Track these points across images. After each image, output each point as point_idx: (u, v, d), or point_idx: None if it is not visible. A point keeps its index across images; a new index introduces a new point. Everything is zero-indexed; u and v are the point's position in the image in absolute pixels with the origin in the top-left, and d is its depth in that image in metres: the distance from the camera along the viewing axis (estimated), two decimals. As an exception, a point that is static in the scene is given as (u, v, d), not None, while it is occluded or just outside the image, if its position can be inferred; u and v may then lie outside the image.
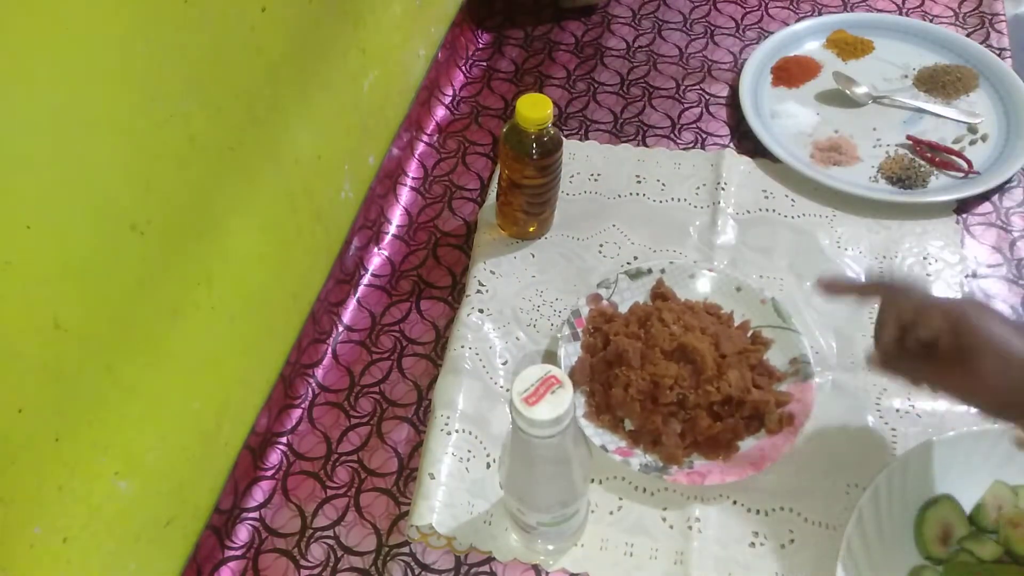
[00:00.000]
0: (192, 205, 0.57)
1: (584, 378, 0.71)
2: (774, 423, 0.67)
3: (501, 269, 0.82)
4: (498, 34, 1.09)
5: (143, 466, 0.57)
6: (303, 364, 0.76)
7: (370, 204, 0.85)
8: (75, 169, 0.45)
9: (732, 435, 0.67)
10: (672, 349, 0.69)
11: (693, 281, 0.77)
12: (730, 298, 0.76)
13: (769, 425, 0.67)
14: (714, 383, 0.67)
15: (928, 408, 0.70)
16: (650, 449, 0.68)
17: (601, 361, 0.71)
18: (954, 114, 0.91)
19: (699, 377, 0.68)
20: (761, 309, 0.75)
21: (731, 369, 0.68)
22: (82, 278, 0.48)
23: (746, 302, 0.75)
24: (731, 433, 0.67)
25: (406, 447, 0.72)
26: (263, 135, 0.65)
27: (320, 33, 0.71)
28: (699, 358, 0.68)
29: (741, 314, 0.75)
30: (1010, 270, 0.79)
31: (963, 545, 0.61)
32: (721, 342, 0.70)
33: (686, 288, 0.77)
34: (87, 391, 0.50)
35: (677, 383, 0.67)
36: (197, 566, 0.64)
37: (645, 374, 0.68)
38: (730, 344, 0.70)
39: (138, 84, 0.49)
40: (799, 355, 0.71)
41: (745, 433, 0.68)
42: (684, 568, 0.63)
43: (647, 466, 0.66)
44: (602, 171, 0.90)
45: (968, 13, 1.04)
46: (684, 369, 0.68)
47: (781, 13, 1.07)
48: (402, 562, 0.66)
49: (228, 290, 0.63)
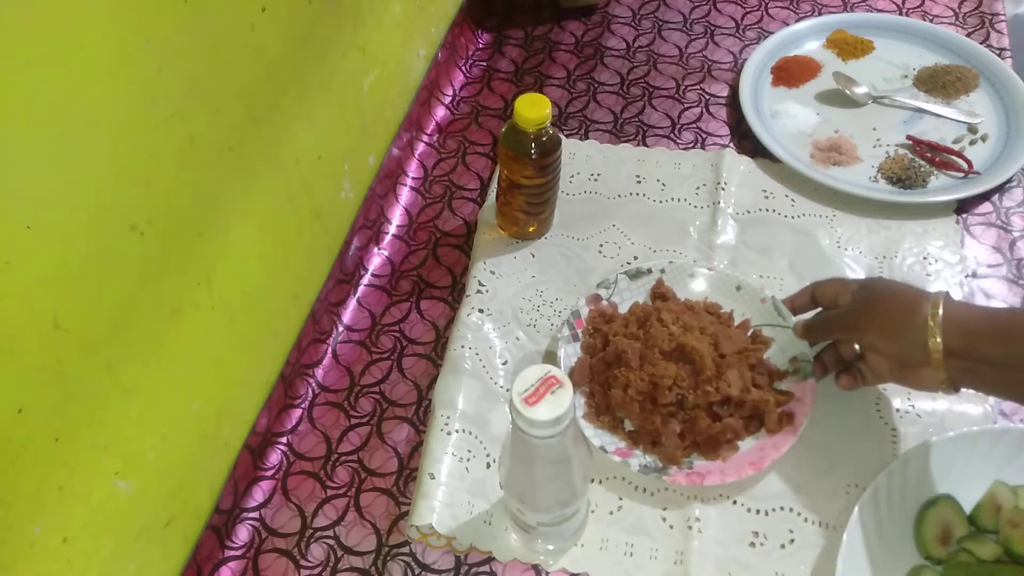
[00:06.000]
0: (192, 205, 0.57)
1: (584, 379, 0.71)
2: (774, 423, 0.67)
3: (501, 269, 0.82)
4: (498, 34, 1.09)
5: (143, 466, 0.57)
6: (303, 364, 0.76)
7: (370, 204, 0.85)
8: (75, 169, 0.45)
9: (732, 435, 0.67)
10: (671, 349, 0.69)
11: (693, 280, 0.77)
12: (730, 297, 0.76)
13: (769, 424, 0.67)
14: (713, 383, 0.67)
15: (928, 408, 0.70)
16: (649, 450, 0.68)
17: (600, 362, 0.71)
18: (954, 114, 0.91)
19: (698, 377, 0.68)
20: (761, 308, 0.75)
21: (730, 369, 0.68)
22: (82, 278, 0.48)
23: (746, 301, 0.75)
24: (731, 433, 0.67)
25: (406, 447, 0.72)
26: (263, 135, 0.65)
27: (320, 33, 0.71)
28: (698, 358, 0.68)
29: (741, 313, 0.75)
30: (1010, 270, 0.79)
31: (963, 545, 0.61)
32: (720, 342, 0.70)
33: (686, 288, 0.77)
34: (87, 391, 0.50)
35: (676, 383, 0.67)
36: (197, 566, 0.64)
37: (644, 375, 0.68)
38: (729, 344, 0.70)
39: (138, 84, 0.49)
40: (799, 354, 0.71)
41: (745, 433, 0.68)
42: (684, 568, 0.63)
43: (646, 467, 0.66)
44: (602, 171, 0.90)
45: (968, 13, 1.04)
46: (683, 369, 0.68)
47: (781, 13, 1.07)
48: (402, 562, 0.66)
49: (228, 290, 0.63)
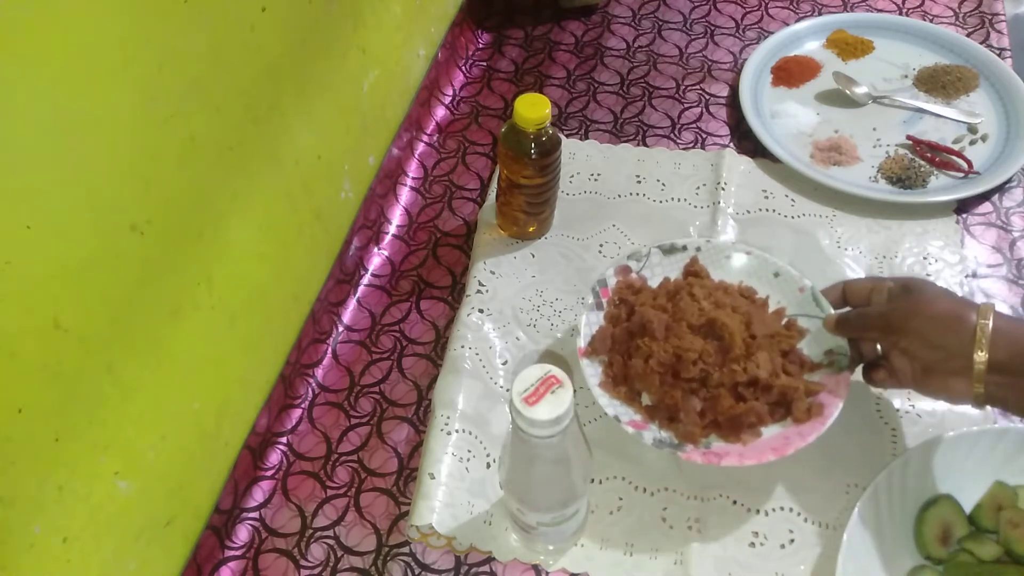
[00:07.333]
0: (192, 205, 0.57)
1: (604, 348, 0.68)
2: (802, 411, 0.63)
3: (501, 269, 0.82)
4: (498, 34, 1.09)
5: (143, 466, 0.57)
6: (303, 364, 0.76)
7: (370, 204, 0.85)
8: (75, 169, 0.45)
9: (756, 419, 0.63)
10: (700, 324, 0.65)
11: (729, 262, 0.74)
12: (767, 283, 0.72)
13: (797, 413, 0.63)
14: (741, 363, 0.64)
15: (928, 408, 0.70)
16: (666, 425, 0.65)
17: (624, 331, 0.68)
18: (954, 114, 0.91)
19: (726, 355, 0.64)
20: (799, 297, 0.71)
21: (760, 351, 0.65)
22: (82, 278, 0.48)
23: (783, 289, 0.72)
24: (754, 416, 0.63)
25: (406, 447, 0.72)
26: (263, 135, 0.65)
27: (320, 33, 0.71)
28: (728, 335, 0.64)
29: (777, 300, 0.71)
30: (1010, 270, 0.79)
31: (963, 545, 0.61)
32: (753, 323, 0.66)
33: (721, 269, 0.73)
34: (87, 391, 0.50)
35: (702, 359, 0.64)
36: (197, 566, 0.64)
37: (669, 347, 0.64)
38: (762, 326, 0.67)
39: (138, 84, 0.49)
40: (835, 347, 0.67)
41: (769, 419, 0.64)
42: (684, 568, 0.63)
43: (661, 441, 0.63)
44: (602, 171, 0.90)
45: (968, 13, 1.04)
46: (710, 345, 0.65)
47: (781, 13, 1.07)
48: (402, 562, 0.66)
49: (228, 290, 0.63)
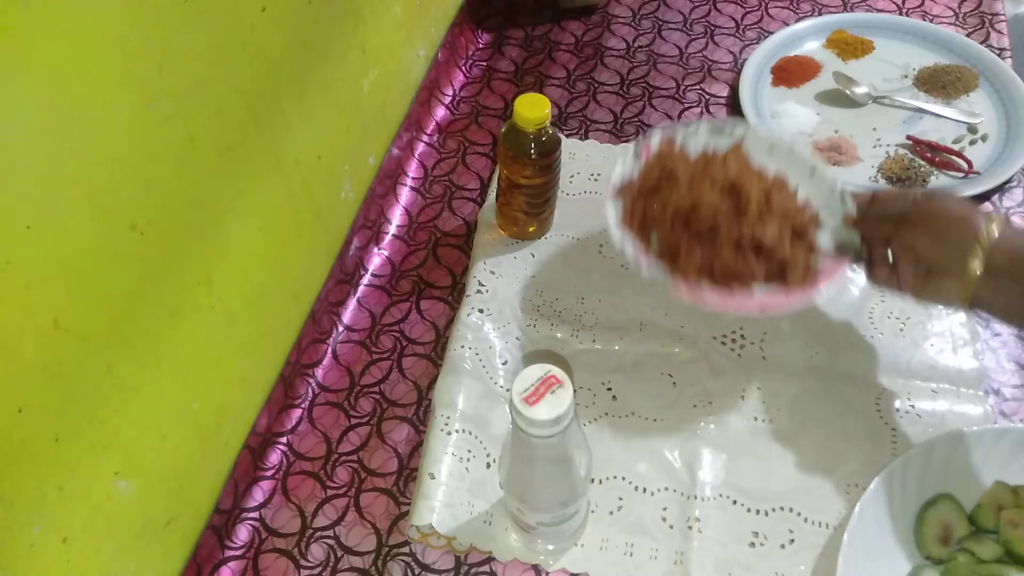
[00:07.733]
0: (192, 205, 0.57)
1: (630, 192, 0.71)
2: (798, 277, 0.66)
3: (501, 269, 0.82)
4: (498, 34, 1.09)
5: (143, 466, 0.57)
6: (303, 364, 0.76)
7: (370, 204, 0.85)
8: (75, 169, 0.45)
9: (750, 276, 0.66)
10: (722, 181, 0.68)
11: (770, 154, 0.75)
12: (802, 180, 0.73)
13: (793, 278, 0.66)
14: (751, 227, 0.66)
15: (928, 408, 0.70)
16: (665, 266, 0.68)
17: (653, 179, 0.71)
18: (954, 114, 0.91)
19: (739, 217, 0.67)
20: (828, 196, 0.72)
21: (772, 221, 0.67)
22: (82, 278, 0.48)
23: (816, 186, 0.73)
24: (750, 276, 0.66)
25: (406, 447, 0.72)
26: (263, 135, 0.65)
27: (320, 33, 0.71)
28: (745, 196, 0.67)
29: (806, 194, 0.72)
30: (1010, 270, 0.79)
31: (963, 545, 0.61)
32: (773, 196, 0.69)
33: (762, 158, 0.74)
34: (87, 391, 0.50)
35: (716, 213, 0.66)
36: (197, 566, 0.64)
37: (688, 196, 0.67)
38: (781, 201, 0.69)
39: (138, 84, 0.49)
40: (847, 240, 0.68)
41: (763, 280, 0.66)
42: (684, 568, 0.63)
43: (654, 275, 0.66)
44: (602, 171, 0.90)
45: (968, 13, 1.04)
46: (727, 204, 0.67)
47: (781, 13, 1.07)
48: (402, 562, 0.66)
49: (228, 290, 0.63)
